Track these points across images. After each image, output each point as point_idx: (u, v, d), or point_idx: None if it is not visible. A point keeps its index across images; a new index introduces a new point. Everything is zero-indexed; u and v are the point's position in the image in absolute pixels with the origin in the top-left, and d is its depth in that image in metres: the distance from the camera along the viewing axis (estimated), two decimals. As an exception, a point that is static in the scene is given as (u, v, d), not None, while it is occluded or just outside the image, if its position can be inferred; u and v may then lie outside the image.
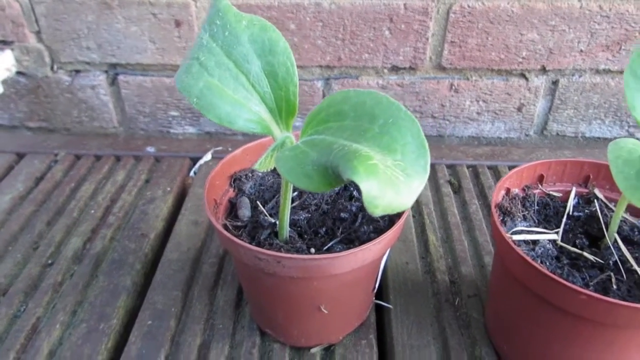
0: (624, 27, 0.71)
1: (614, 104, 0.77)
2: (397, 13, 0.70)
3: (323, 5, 0.70)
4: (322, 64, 0.75)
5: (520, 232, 0.37)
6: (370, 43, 0.73)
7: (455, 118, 0.80)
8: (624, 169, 0.27)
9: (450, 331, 0.42)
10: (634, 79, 0.30)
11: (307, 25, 0.71)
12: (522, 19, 0.70)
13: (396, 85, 0.77)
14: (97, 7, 0.70)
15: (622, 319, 0.30)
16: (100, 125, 0.80)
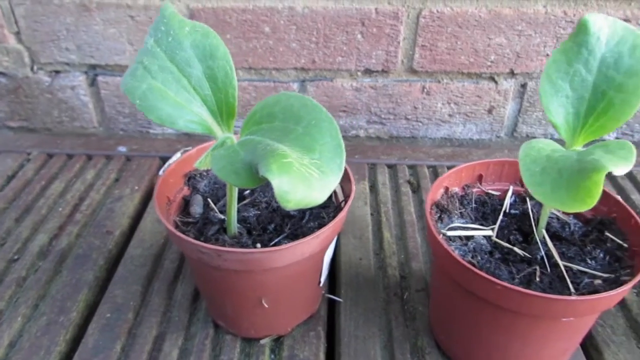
0: (589, 33, 0.73)
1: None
2: (369, 17, 0.72)
3: (296, 9, 0.72)
4: (297, 67, 0.77)
5: (456, 228, 0.39)
6: (343, 46, 0.75)
7: (428, 120, 0.82)
8: (531, 167, 0.29)
9: (396, 323, 0.43)
10: (549, 83, 0.32)
11: (281, 28, 0.73)
12: (490, 23, 0.72)
13: (370, 88, 0.79)
14: (75, 9, 0.71)
15: (536, 309, 0.31)
16: (80, 125, 0.82)
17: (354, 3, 0.71)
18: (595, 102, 0.32)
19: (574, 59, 0.32)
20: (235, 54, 0.75)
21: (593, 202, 0.26)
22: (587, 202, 0.26)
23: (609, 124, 0.32)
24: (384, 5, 0.71)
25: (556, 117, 0.33)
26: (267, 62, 0.76)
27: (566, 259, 0.37)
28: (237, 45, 0.74)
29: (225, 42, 0.78)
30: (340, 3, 0.71)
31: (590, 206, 0.26)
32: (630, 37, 0.31)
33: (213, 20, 0.72)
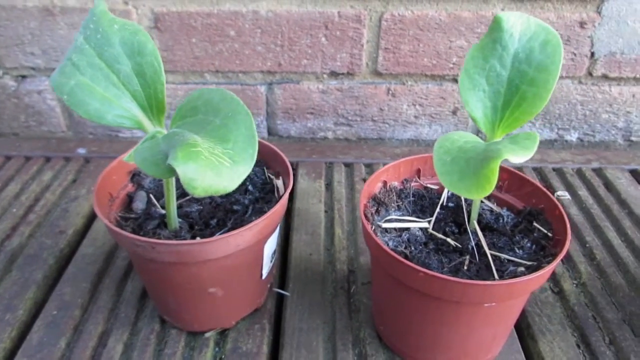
0: (547, 35, 0.75)
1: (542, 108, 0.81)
2: (332, 21, 0.74)
3: (260, 13, 0.73)
4: (263, 70, 0.78)
5: (393, 220, 0.40)
6: (308, 49, 0.76)
7: (394, 121, 0.83)
8: (443, 157, 0.30)
9: (340, 315, 0.44)
10: (468, 78, 0.33)
11: (246, 32, 0.74)
12: (450, 26, 0.74)
13: (336, 90, 0.80)
14: (39, 14, 0.72)
15: (457, 295, 0.32)
16: (48, 129, 0.82)
17: (317, 7, 0.73)
18: (510, 96, 0.33)
19: (490, 55, 0.33)
20: (202, 58, 0.76)
21: (491, 188, 0.28)
22: (486, 188, 0.27)
23: (523, 117, 0.33)
24: (346, 8, 0.73)
25: (475, 111, 0.34)
26: (234, 65, 0.77)
27: (496, 249, 0.38)
28: (204, 48, 0.76)
29: (191, 45, 0.80)
30: (303, 7, 0.73)
31: (489, 192, 0.28)
32: (542, 34, 0.32)
33: (178, 24, 0.73)
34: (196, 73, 0.78)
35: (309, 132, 0.84)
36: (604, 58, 0.76)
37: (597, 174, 0.66)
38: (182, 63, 0.77)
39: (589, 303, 0.46)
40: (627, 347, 0.42)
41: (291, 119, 0.83)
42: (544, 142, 0.84)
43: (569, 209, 0.58)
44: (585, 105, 0.81)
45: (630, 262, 0.50)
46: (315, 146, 0.78)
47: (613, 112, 0.81)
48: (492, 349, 0.39)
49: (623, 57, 0.76)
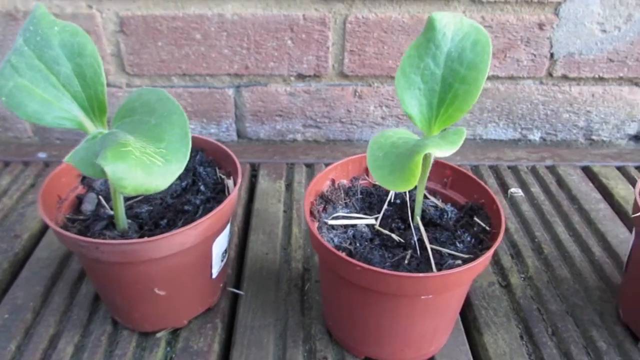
0: (507, 37, 0.77)
1: (505, 108, 0.83)
2: (297, 23, 0.75)
3: (226, 16, 0.74)
4: (230, 72, 0.78)
5: (339, 217, 0.41)
6: (274, 52, 0.77)
7: (362, 123, 0.84)
8: (375, 152, 0.31)
9: (293, 313, 0.45)
10: (404, 77, 0.35)
11: (212, 35, 0.75)
12: (413, 29, 0.76)
13: (303, 92, 0.81)
14: (2, 19, 0.72)
15: (392, 287, 0.33)
16: (14, 135, 0.81)
17: (282, 10, 0.74)
18: (444, 93, 0.34)
19: (424, 54, 0.34)
20: (169, 61, 0.76)
21: (415, 181, 0.28)
22: (411, 181, 0.28)
23: (456, 114, 0.34)
24: (311, 11, 0.74)
25: (411, 108, 0.35)
26: (201, 69, 0.78)
27: (438, 243, 0.39)
28: (170, 52, 0.76)
29: (157, 49, 0.80)
30: (268, 10, 0.74)
31: (413, 184, 0.28)
32: (473, 33, 0.34)
33: (144, 28, 0.73)
34: (163, 76, 0.79)
35: (278, 135, 0.84)
36: (563, 59, 0.78)
37: (550, 171, 0.68)
38: (149, 67, 0.77)
39: (534, 296, 0.48)
40: (568, 338, 0.43)
41: (260, 121, 0.83)
42: (508, 141, 0.86)
43: (521, 205, 0.60)
44: (547, 105, 0.83)
45: (577, 256, 0.52)
46: (277, 147, 0.78)
47: (574, 112, 0.84)
48: (435, 341, 0.40)
49: (581, 58, 0.78)
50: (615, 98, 0.82)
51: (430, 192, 0.44)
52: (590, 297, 0.47)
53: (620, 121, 0.85)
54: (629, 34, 0.77)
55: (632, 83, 0.81)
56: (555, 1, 0.73)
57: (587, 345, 0.43)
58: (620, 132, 0.86)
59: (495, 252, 0.53)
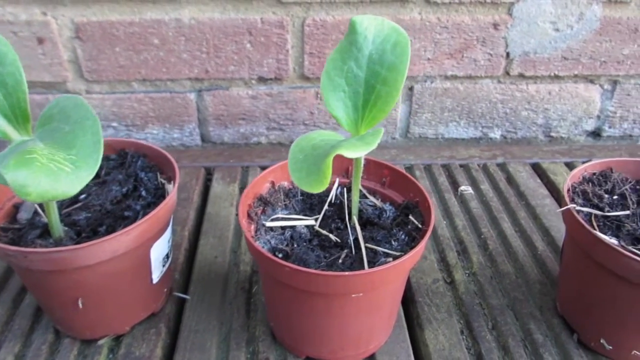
0: (463, 37, 0.78)
1: (465, 107, 0.84)
2: (255, 27, 0.75)
3: (183, 20, 0.74)
4: (191, 77, 0.78)
5: (279, 219, 0.41)
6: (234, 55, 0.77)
7: (325, 124, 0.85)
8: (296, 155, 0.31)
9: (238, 315, 0.45)
10: (328, 80, 0.35)
11: (170, 40, 0.75)
12: (371, 31, 0.76)
13: (265, 95, 0.81)
14: (-47, 26, 0.71)
15: (322, 287, 0.34)
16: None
17: (239, 13, 0.74)
18: (368, 95, 0.35)
19: (347, 57, 0.35)
20: (128, 67, 0.76)
21: (326, 182, 0.29)
22: (323, 182, 0.29)
23: (379, 115, 0.35)
24: (268, 15, 0.74)
25: (337, 111, 0.36)
26: (161, 74, 0.77)
27: (374, 242, 0.39)
28: (128, 57, 0.76)
29: (115, 55, 0.80)
30: (226, 14, 0.74)
31: (325, 186, 0.29)
32: (394, 35, 0.34)
33: (100, 34, 0.73)
34: (123, 82, 0.78)
35: (242, 138, 0.85)
36: (519, 58, 0.80)
37: (501, 168, 0.69)
38: (108, 73, 0.77)
39: (477, 291, 0.49)
40: (507, 331, 0.44)
41: (223, 125, 0.83)
42: (470, 140, 0.87)
43: (470, 202, 0.61)
44: (506, 104, 0.84)
45: (520, 251, 0.53)
46: (234, 151, 0.79)
47: (532, 110, 0.85)
48: (374, 339, 0.41)
49: (536, 57, 0.80)
50: (572, 95, 0.84)
51: (370, 191, 0.45)
52: (531, 290, 0.48)
53: (578, 118, 0.87)
54: (582, 32, 0.78)
55: (587, 80, 0.83)
56: (509, 1, 0.75)
57: (525, 338, 0.44)
58: (578, 128, 0.88)
59: (442, 249, 0.54)
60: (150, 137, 0.84)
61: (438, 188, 0.64)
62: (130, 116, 0.82)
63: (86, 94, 0.79)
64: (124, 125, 0.82)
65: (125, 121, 0.82)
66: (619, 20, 0.78)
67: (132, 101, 0.80)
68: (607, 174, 0.44)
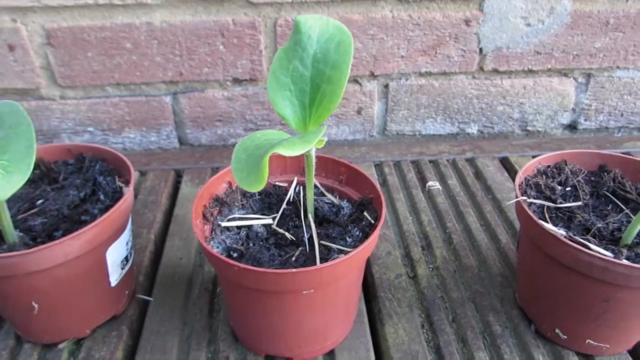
0: (435, 34, 0.78)
1: (441, 104, 0.84)
2: (227, 28, 0.75)
3: (154, 24, 0.74)
4: (165, 80, 0.78)
5: (236, 219, 0.41)
6: (207, 58, 0.77)
7: (302, 124, 0.85)
8: (239, 154, 0.32)
9: (201, 316, 0.45)
10: (274, 79, 0.35)
11: (142, 43, 0.75)
12: (343, 29, 0.76)
13: (241, 97, 0.82)
14: None
15: (271, 284, 0.34)
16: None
17: (211, 15, 0.74)
18: (314, 94, 0.35)
19: (292, 56, 0.35)
20: (101, 71, 0.76)
21: (264, 181, 0.29)
22: (261, 181, 0.29)
23: (324, 113, 0.35)
24: (240, 16, 0.74)
25: (284, 110, 0.36)
26: (135, 77, 0.78)
27: (329, 239, 0.40)
28: (101, 62, 0.76)
29: (88, 60, 0.80)
30: (197, 16, 0.74)
31: (262, 184, 0.29)
32: (338, 35, 0.35)
33: (71, 40, 0.73)
34: (97, 87, 0.79)
35: (220, 140, 0.85)
36: (492, 53, 0.80)
37: (469, 163, 0.70)
38: (81, 78, 0.77)
39: (439, 285, 0.49)
40: (466, 324, 0.44)
41: (200, 127, 0.84)
42: (447, 135, 0.87)
43: (436, 197, 0.61)
44: (481, 99, 0.85)
45: (484, 244, 0.53)
46: (203, 152, 0.79)
47: (507, 104, 0.86)
48: (331, 335, 0.41)
49: (509, 52, 0.80)
50: (546, 89, 0.85)
51: (328, 189, 0.45)
52: (493, 283, 0.49)
53: (553, 111, 0.87)
54: (553, 26, 0.79)
55: (561, 74, 0.84)
56: (478, -3, 0.75)
57: (484, 329, 0.44)
58: (554, 122, 0.88)
59: (407, 245, 0.54)
60: (127, 141, 0.84)
61: (406, 184, 0.64)
62: (106, 121, 0.82)
63: (60, 100, 0.79)
64: (100, 130, 0.83)
65: (102, 126, 0.82)
66: (589, 14, 0.78)
67: (108, 106, 0.80)
68: (561, 166, 0.44)
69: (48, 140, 0.83)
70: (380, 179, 0.67)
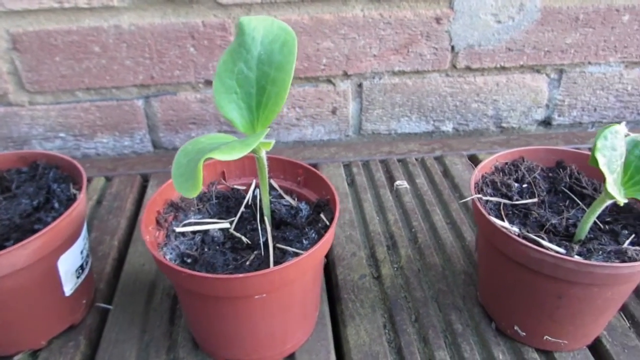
0: (407, 32, 0.78)
1: (415, 102, 0.84)
2: (197, 30, 0.75)
3: (123, 27, 0.73)
4: (136, 83, 0.78)
5: (192, 224, 0.41)
6: (178, 60, 0.77)
7: (277, 125, 0.85)
8: (180, 159, 0.31)
9: (161, 322, 0.45)
10: (220, 82, 0.35)
11: (111, 47, 0.74)
12: (314, 29, 0.76)
13: (214, 98, 0.81)
14: None
15: (221, 290, 0.34)
16: None
17: (180, 17, 0.73)
18: (260, 96, 0.35)
19: (237, 59, 0.35)
20: (70, 76, 0.76)
21: (199, 187, 0.29)
22: (196, 187, 0.29)
23: (270, 115, 0.35)
24: (210, 17, 0.74)
25: (230, 113, 0.35)
26: (105, 81, 0.77)
27: (286, 242, 0.39)
28: (70, 67, 0.75)
29: (56, 64, 0.79)
30: (166, 18, 0.73)
31: (197, 190, 0.29)
32: (282, 35, 0.34)
33: (38, 44, 0.72)
34: (67, 92, 0.78)
35: (194, 142, 0.84)
36: (464, 51, 0.80)
37: (438, 161, 0.70)
38: (50, 83, 0.76)
39: (403, 285, 0.49)
40: (428, 323, 0.44)
41: (174, 130, 0.83)
42: (423, 134, 0.87)
43: (404, 197, 0.61)
44: (455, 97, 0.85)
45: (449, 243, 0.53)
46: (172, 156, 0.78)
47: (481, 101, 0.86)
48: (290, 339, 0.41)
49: (481, 49, 0.80)
50: (519, 86, 0.85)
51: (287, 191, 0.45)
52: (456, 281, 0.49)
53: (527, 108, 0.87)
54: (524, 23, 0.79)
55: (534, 70, 0.84)
56: (448, -5, 0.75)
57: (446, 328, 0.44)
58: (529, 118, 0.89)
59: (372, 245, 0.54)
60: (100, 146, 0.83)
61: (374, 184, 0.64)
62: (77, 126, 0.81)
63: (30, 106, 0.78)
64: (72, 136, 0.82)
65: (73, 131, 0.81)
66: (559, 10, 0.78)
67: (78, 111, 0.79)
68: (518, 163, 0.44)
69: (18, 147, 0.82)
70: (349, 179, 0.66)
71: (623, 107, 0.90)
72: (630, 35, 0.82)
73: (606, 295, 0.35)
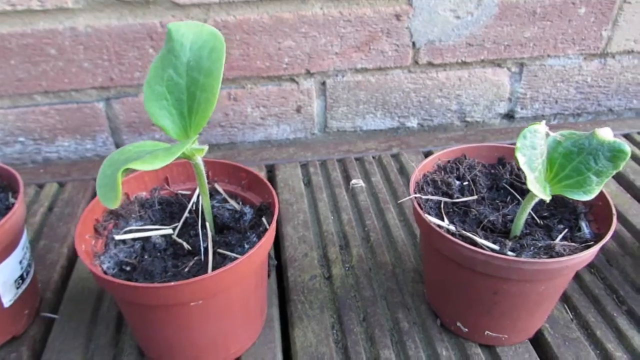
0: (367, 29, 0.78)
1: (379, 99, 0.84)
2: (156, 31, 0.74)
3: (79, 29, 0.72)
4: (95, 86, 0.77)
5: (133, 231, 0.41)
6: (137, 61, 0.76)
7: (242, 125, 0.84)
8: (105, 169, 0.31)
9: (107, 331, 0.45)
10: (150, 89, 0.35)
11: (68, 49, 0.73)
12: (275, 28, 0.76)
13: (177, 99, 0.80)
14: None
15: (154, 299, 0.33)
16: None
17: (137, 18, 0.72)
18: (191, 102, 0.34)
19: (166, 65, 0.34)
20: (27, 79, 0.74)
21: (119, 198, 0.29)
22: (117, 197, 0.29)
23: (202, 121, 0.35)
24: (167, 18, 0.73)
25: (161, 120, 0.35)
26: (63, 84, 0.75)
27: (228, 247, 0.39)
28: (26, 70, 0.74)
29: (11, 68, 0.77)
30: (123, 19, 0.72)
31: (117, 200, 0.29)
32: (211, 41, 0.34)
33: (-10, 48, 0.71)
34: (24, 95, 0.76)
35: (158, 144, 0.83)
36: (425, 47, 0.81)
37: (395, 159, 0.70)
38: (6, 87, 0.75)
39: (353, 284, 0.49)
40: (375, 322, 0.45)
41: (137, 132, 0.82)
42: (388, 130, 0.88)
43: (359, 195, 0.61)
44: (418, 93, 0.85)
45: (400, 241, 0.54)
46: None
47: (444, 97, 0.86)
48: (234, 344, 0.41)
49: (442, 45, 0.81)
50: (481, 80, 0.86)
51: (232, 195, 0.45)
52: (405, 280, 0.49)
53: (490, 102, 0.88)
54: (482, 18, 0.80)
55: (495, 65, 0.85)
56: (407, -8, 0.75)
57: (393, 327, 0.45)
58: (492, 112, 0.90)
59: (325, 245, 0.54)
60: (62, 150, 0.82)
61: (331, 183, 0.64)
62: (37, 130, 0.80)
63: (-15, 111, 0.77)
64: (31, 140, 0.80)
65: (33, 135, 0.80)
66: (516, 4, 0.79)
67: (37, 114, 0.78)
68: (461, 160, 0.45)
69: (-24, 153, 0.80)
70: (306, 179, 0.66)
71: (583, 99, 0.91)
72: (587, 28, 0.83)
73: (539, 290, 0.36)
